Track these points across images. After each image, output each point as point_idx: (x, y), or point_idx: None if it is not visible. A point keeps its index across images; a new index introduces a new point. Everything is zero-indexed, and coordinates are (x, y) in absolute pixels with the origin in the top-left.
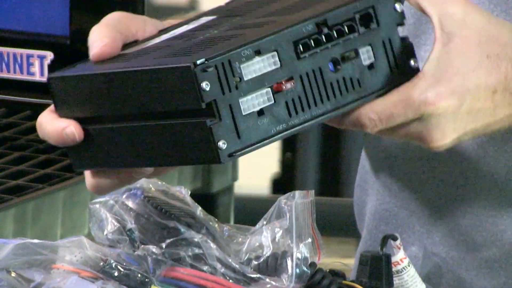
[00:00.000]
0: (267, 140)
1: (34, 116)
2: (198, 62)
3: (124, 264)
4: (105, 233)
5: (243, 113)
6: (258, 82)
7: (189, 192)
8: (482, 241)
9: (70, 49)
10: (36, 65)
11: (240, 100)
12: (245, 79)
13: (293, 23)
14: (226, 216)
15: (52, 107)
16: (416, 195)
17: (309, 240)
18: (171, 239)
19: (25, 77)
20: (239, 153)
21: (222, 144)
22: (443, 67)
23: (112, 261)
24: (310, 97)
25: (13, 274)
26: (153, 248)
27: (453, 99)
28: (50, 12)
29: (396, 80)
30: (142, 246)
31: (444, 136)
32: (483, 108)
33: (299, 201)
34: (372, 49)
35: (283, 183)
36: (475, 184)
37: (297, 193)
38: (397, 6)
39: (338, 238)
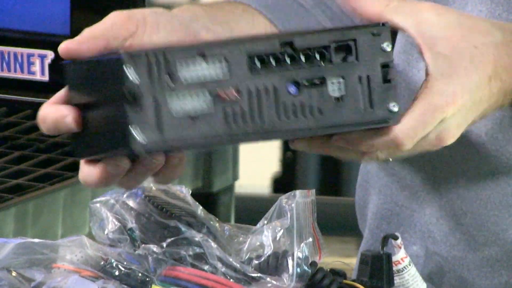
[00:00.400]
0: (196, 144)
1: (35, 116)
2: (130, 51)
3: (125, 263)
4: (105, 232)
5: (172, 111)
6: (199, 86)
7: (190, 191)
8: (483, 241)
9: None
10: (37, 64)
11: (169, 97)
12: (182, 79)
13: (254, 37)
14: (227, 215)
15: (52, 98)
16: (417, 194)
17: (310, 239)
18: (172, 238)
19: (25, 76)
20: (158, 147)
21: (134, 129)
22: (445, 66)
23: (112, 261)
24: (255, 113)
25: (13, 274)
26: (153, 248)
27: (465, 94)
28: (50, 11)
29: (368, 120)
30: (143, 245)
31: (459, 130)
32: (483, 96)
33: (300, 200)
34: (344, 83)
35: (283, 183)
36: (477, 183)
37: (298, 192)
38: (385, 45)
39: (339, 238)
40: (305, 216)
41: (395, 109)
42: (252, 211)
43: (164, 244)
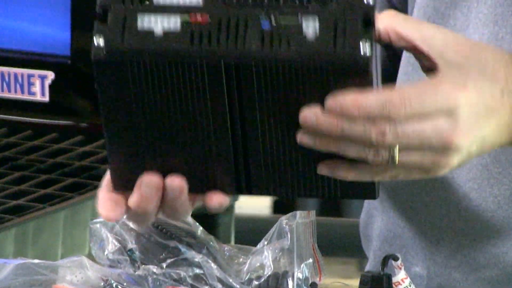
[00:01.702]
0: (155, 58)
1: (35, 136)
2: None
3: (125, 284)
4: (105, 253)
5: (137, 26)
6: (170, 10)
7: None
8: (484, 263)
9: (71, 69)
10: (37, 85)
11: (138, 15)
12: (155, 3)
13: None
14: (227, 236)
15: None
16: (418, 216)
17: (310, 260)
18: (172, 259)
19: (26, 97)
20: (117, 54)
21: (97, 41)
22: (456, 67)
23: (112, 281)
24: (222, 37)
25: None
26: (153, 268)
27: (476, 93)
28: (51, 32)
29: (336, 59)
30: (143, 266)
31: (469, 133)
32: (495, 108)
33: (300, 221)
34: (319, 24)
35: (284, 203)
36: (478, 206)
37: (298, 213)
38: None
39: (339, 259)
40: (306, 237)
41: (367, 51)
42: (252, 232)
43: (164, 265)
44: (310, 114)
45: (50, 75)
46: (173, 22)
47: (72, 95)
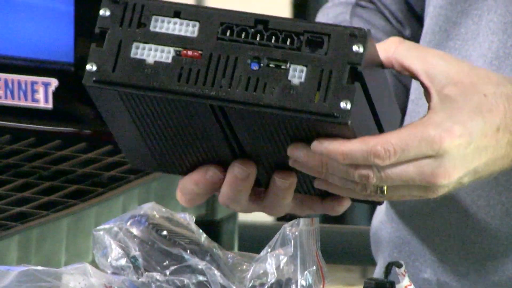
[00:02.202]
0: (141, 89)
1: (38, 143)
2: None
3: None
4: (109, 260)
5: (131, 53)
6: (165, 39)
7: (194, 219)
8: (493, 270)
9: (75, 76)
10: (41, 92)
11: (133, 43)
12: (151, 30)
13: (233, 10)
14: (231, 243)
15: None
16: (426, 223)
17: (314, 267)
18: (175, 266)
19: (29, 104)
20: (106, 85)
21: (90, 66)
22: (449, 106)
23: None
24: (210, 77)
25: None
26: (157, 275)
27: (465, 136)
28: (54, 39)
29: (315, 110)
30: (146, 273)
31: (455, 172)
32: (488, 146)
33: (303, 228)
34: (306, 72)
35: None
36: (486, 213)
37: (302, 220)
38: (355, 47)
39: (343, 266)
40: (309, 244)
41: (347, 107)
42: (255, 239)
43: (168, 272)
44: (297, 152)
45: (54, 82)
46: (165, 54)
47: (76, 102)
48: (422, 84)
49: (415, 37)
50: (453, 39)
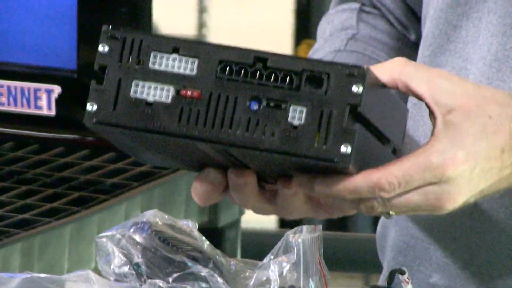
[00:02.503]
0: (141, 131)
1: (42, 150)
2: (112, 27)
3: None
4: (111, 267)
5: (130, 92)
6: (164, 77)
7: (196, 226)
8: (498, 274)
9: (78, 83)
10: (44, 99)
11: (132, 81)
12: (150, 67)
13: (231, 46)
14: (233, 250)
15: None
16: (432, 227)
17: (317, 275)
18: (178, 273)
19: (32, 111)
20: (107, 126)
21: (90, 106)
22: (452, 132)
23: None
24: (210, 118)
25: None
26: (160, 282)
27: (469, 162)
28: (57, 45)
29: (315, 155)
30: (149, 280)
31: (460, 197)
32: (493, 168)
33: (306, 236)
34: (305, 113)
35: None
36: (491, 217)
37: (305, 227)
38: (355, 88)
39: (346, 273)
40: (312, 251)
41: (347, 151)
42: (258, 246)
43: (170, 279)
44: (301, 187)
45: (57, 89)
46: (165, 93)
47: (79, 109)
48: (428, 106)
49: (420, 41)
50: (453, 41)
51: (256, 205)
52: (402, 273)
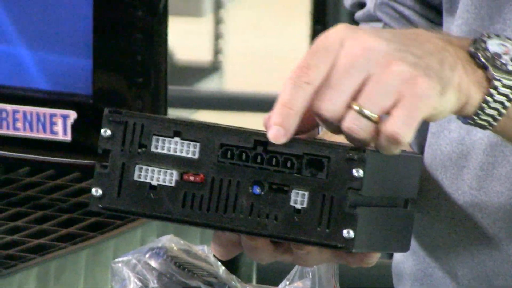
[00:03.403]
0: (146, 214)
1: (57, 176)
2: (113, 111)
3: None
4: None
5: (134, 176)
6: (166, 160)
7: (212, 252)
8: None
9: (93, 109)
10: (59, 124)
11: (136, 165)
12: (152, 150)
13: (232, 129)
14: (249, 275)
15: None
16: (449, 255)
17: None
18: None
19: (48, 136)
20: (113, 212)
21: (95, 191)
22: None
23: None
24: (213, 203)
25: None
26: None
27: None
28: (73, 71)
29: (318, 240)
30: None
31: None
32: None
33: None
34: (308, 197)
35: None
36: (508, 245)
37: None
38: (355, 172)
39: None
40: (327, 277)
41: (350, 236)
42: (274, 272)
43: None
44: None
45: (72, 115)
46: (168, 177)
47: (94, 134)
48: None
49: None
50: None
51: (273, 259)
52: None
